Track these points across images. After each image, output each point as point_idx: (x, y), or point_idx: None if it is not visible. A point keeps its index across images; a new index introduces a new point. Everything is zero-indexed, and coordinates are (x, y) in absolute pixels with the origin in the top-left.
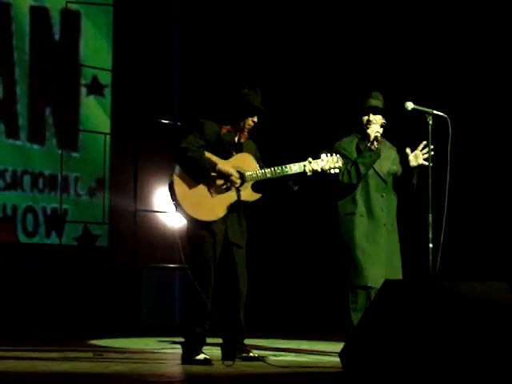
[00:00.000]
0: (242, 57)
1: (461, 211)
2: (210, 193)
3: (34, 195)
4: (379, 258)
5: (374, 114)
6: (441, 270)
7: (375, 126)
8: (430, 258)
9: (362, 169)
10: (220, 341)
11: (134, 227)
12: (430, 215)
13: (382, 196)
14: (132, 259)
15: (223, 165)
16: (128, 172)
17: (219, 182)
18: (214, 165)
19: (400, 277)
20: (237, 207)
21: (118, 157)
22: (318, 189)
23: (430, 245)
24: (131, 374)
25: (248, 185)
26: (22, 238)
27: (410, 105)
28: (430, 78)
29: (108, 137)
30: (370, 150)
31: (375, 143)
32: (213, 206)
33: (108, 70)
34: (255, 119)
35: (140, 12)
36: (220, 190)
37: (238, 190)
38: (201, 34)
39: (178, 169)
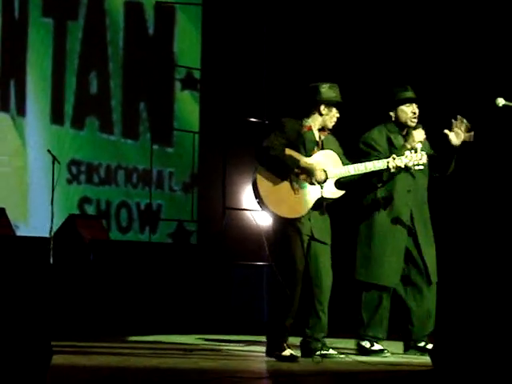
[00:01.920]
0: (329, 55)
1: None
2: (293, 190)
3: (128, 190)
4: (397, 255)
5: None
6: None
7: (419, 134)
8: None
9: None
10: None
11: (222, 225)
12: None
13: (409, 191)
14: (221, 257)
15: (306, 161)
16: (217, 170)
17: (303, 177)
18: (297, 161)
19: (435, 271)
20: (320, 204)
21: (208, 155)
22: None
23: None
24: (221, 371)
25: (331, 182)
26: (116, 234)
27: (501, 101)
28: None
29: (197, 135)
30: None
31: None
32: (295, 204)
33: (197, 69)
34: (337, 114)
35: (229, 11)
36: (303, 187)
37: (320, 187)
38: (289, 32)
39: (260, 167)
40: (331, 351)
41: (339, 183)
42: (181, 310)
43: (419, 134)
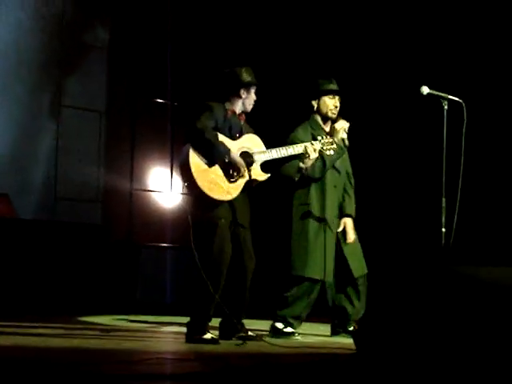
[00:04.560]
0: (235, 36)
1: (474, 196)
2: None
3: (29, 168)
4: (328, 250)
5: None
6: (453, 255)
7: (343, 122)
8: (443, 242)
9: (329, 164)
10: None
11: (129, 206)
12: (444, 199)
13: (335, 187)
14: (126, 238)
15: (233, 147)
16: (124, 151)
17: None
18: (228, 151)
19: (364, 266)
20: (247, 187)
21: (114, 136)
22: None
23: (443, 229)
24: (147, 351)
25: (257, 165)
26: (19, 211)
27: (425, 89)
28: (445, 62)
29: (103, 115)
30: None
31: (340, 138)
32: (228, 186)
33: (105, 48)
34: (255, 96)
35: None
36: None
37: (248, 170)
38: (195, 12)
39: (192, 149)
40: (250, 333)
41: (264, 166)
42: (87, 291)
43: (341, 125)
